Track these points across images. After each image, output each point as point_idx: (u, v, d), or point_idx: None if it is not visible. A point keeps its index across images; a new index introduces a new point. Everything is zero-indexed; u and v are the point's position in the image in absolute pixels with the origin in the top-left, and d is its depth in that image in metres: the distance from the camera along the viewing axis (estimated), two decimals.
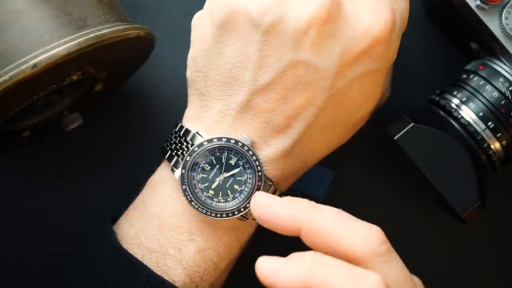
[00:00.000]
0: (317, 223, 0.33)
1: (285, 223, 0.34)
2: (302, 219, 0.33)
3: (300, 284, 0.31)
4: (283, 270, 0.32)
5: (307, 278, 0.31)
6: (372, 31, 0.37)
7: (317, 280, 0.31)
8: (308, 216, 0.33)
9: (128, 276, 0.38)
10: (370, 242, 0.33)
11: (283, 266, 0.32)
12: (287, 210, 0.34)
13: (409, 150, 0.41)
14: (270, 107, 0.38)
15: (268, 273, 0.32)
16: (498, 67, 0.41)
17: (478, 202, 0.41)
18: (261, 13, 0.36)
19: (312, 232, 0.33)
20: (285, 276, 0.31)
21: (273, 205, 0.34)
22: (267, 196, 0.35)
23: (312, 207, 0.34)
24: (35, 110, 0.43)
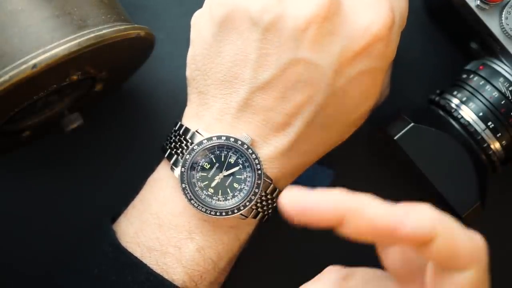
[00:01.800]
0: (363, 208, 0.30)
1: (326, 213, 0.30)
2: (345, 206, 0.30)
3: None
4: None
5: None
6: (372, 29, 0.37)
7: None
8: (351, 203, 0.30)
9: (127, 275, 0.38)
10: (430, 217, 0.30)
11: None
12: (329, 199, 0.30)
13: (409, 150, 0.41)
14: (270, 105, 0.38)
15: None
16: (498, 67, 0.41)
17: (478, 202, 0.41)
18: (261, 12, 0.36)
19: (359, 218, 0.30)
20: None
21: (310, 195, 0.31)
22: (298, 188, 0.31)
23: (351, 194, 0.31)
24: (35, 110, 0.43)
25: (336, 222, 0.30)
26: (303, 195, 0.30)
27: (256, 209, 0.39)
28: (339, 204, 0.30)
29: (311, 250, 0.48)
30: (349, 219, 0.30)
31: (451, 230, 0.29)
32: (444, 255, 0.30)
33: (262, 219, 0.40)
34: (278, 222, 0.47)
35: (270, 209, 0.40)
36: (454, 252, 0.29)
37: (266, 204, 0.39)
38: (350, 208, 0.30)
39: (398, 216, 0.29)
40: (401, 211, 0.29)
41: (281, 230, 0.48)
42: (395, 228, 0.29)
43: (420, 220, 0.29)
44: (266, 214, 0.40)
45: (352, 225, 0.30)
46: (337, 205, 0.30)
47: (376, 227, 0.29)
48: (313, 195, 0.30)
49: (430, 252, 0.29)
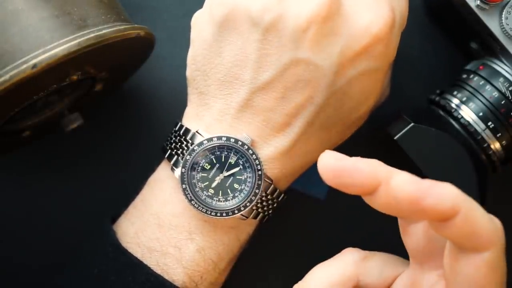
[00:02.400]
0: (397, 180, 0.29)
1: (365, 176, 0.30)
2: (382, 173, 0.30)
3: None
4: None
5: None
6: (372, 29, 0.37)
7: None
8: (387, 170, 0.30)
9: (127, 275, 0.38)
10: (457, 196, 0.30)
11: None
12: (367, 163, 0.30)
13: (409, 150, 0.41)
14: (270, 106, 0.38)
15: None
16: (498, 67, 0.41)
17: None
18: (261, 12, 0.36)
19: (393, 189, 0.30)
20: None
21: (349, 158, 0.31)
22: (336, 152, 0.31)
23: (384, 164, 0.31)
24: (35, 110, 0.43)
25: (369, 189, 0.30)
26: (342, 158, 0.31)
27: (257, 210, 0.39)
28: (376, 172, 0.30)
29: (311, 251, 0.48)
30: (382, 190, 0.30)
31: (472, 209, 0.29)
32: (464, 233, 0.29)
33: (262, 219, 0.40)
34: (278, 223, 0.47)
35: (270, 210, 0.40)
36: (474, 231, 0.29)
37: (267, 204, 0.39)
38: (385, 177, 0.30)
39: (423, 188, 0.29)
40: (427, 184, 0.29)
41: (282, 231, 0.48)
42: (419, 199, 0.28)
43: (443, 194, 0.29)
44: (267, 214, 0.40)
45: (382, 198, 0.30)
46: (374, 172, 0.30)
47: (401, 198, 0.29)
48: (352, 159, 0.31)
49: (450, 229, 0.29)
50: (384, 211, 0.31)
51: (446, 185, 0.29)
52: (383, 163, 0.31)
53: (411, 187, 0.29)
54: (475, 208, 0.30)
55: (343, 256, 0.37)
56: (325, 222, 0.48)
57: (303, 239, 0.48)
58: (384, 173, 0.30)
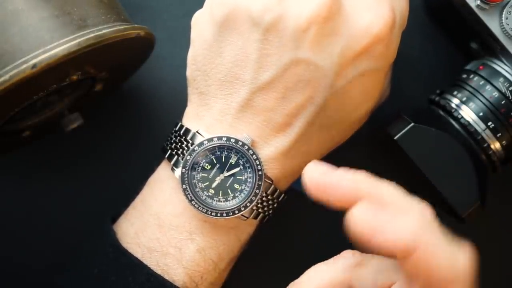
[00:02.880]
0: (379, 195, 0.30)
1: (345, 193, 0.30)
2: (364, 189, 0.30)
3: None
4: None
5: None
6: (373, 29, 0.37)
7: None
8: (370, 187, 0.30)
9: (128, 275, 0.38)
10: (427, 217, 0.30)
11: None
12: (349, 180, 0.31)
13: (409, 150, 0.41)
14: (271, 106, 0.38)
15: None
16: (498, 67, 0.41)
17: (478, 202, 0.41)
18: (261, 12, 0.36)
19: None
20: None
21: (333, 174, 0.31)
22: (324, 164, 0.32)
23: (372, 178, 0.31)
24: (35, 110, 0.43)
25: (349, 204, 0.30)
26: (326, 172, 0.31)
27: (257, 210, 0.39)
28: (358, 186, 0.30)
29: (311, 251, 0.48)
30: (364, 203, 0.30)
31: (432, 245, 0.28)
32: (420, 272, 0.29)
33: (262, 219, 0.40)
34: (278, 223, 0.47)
35: (270, 210, 0.40)
36: (430, 271, 0.29)
37: (267, 204, 0.39)
38: (367, 192, 0.30)
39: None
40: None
41: (282, 231, 0.48)
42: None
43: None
44: (267, 214, 0.40)
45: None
46: (356, 187, 0.30)
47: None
48: (336, 173, 0.31)
49: (407, 266, 0.29)
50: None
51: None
52: (370, 174, 0.31)
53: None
54: (436, 244, 0.29)
55: (338, 259, 0.36)
56: (325, 222, 0.48)
57: (303, 239, 0.48)
58: (367, 187, 0.30)
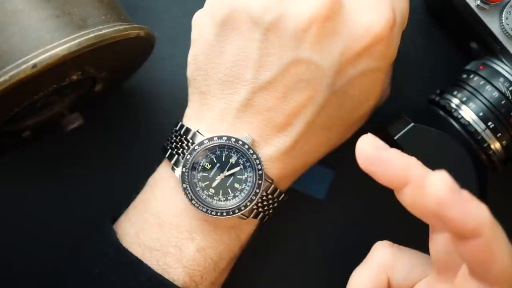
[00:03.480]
0: (433, 177, 0.29)
1: (395, 172, 0.30)
2: (415, 172, 0.30)
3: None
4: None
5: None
6: (373, 29, 0.37)
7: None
8: (421, 172, 0.30)
9: (128, 275, 0.38)
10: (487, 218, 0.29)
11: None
12: (403, 159, 0.30)
13: (409, 150, 0.41)
14: (271, 105, 0.38)
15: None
16: (498, 67, 0.41)
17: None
18: (262, 12, 0.37)
19: (419, 190, 0.30)
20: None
21: (388, 149, 0.31)
22: (378, 139, 0.31)
23: (422, 165, 0.31)
24: (35, 110, 0.43)
25: (397, 185, 0.31)
26: (380, 147, 0.31)
27: (257, 209, 0.39)
28: (408, 170, 0.30)
29: (311, 251, 0.48)
30: (411, 188, 0.30)
31: (495, 238, 0.28)
32: (477, 259, 0.29)
33: (263, 219, 0.40)
34: (278, 223, 0.47)
35: (271, 209, 0.40)
36: (488, 261, 0.29)
37: (267, 204, 0.39)
38: (416, 177, 0.30)
39: (455, 198, 0.28)
40: (461, 195, 0.28)
41: (282, 231, 0.48)
42: (445, 206, 0.28)
43: (471, 213, 0.28)
44: (267, 214, 0.40)
45: (410, 196, 0.30)
46: (406, 169, 0.30)
47: (430, 197, 0.28)
48: (389, 152, 0.31)
49: (466, 249, 0.29)
50: (409, 209, 0.31)
51: (480, 206, 0.28)
52: (421, 163, 0.31)
53: (444, 188, 0.28)
54: (498, 239, 0.29)
55: (373, 257, 0.36)
56: (325, 222, 0.48)
57: (303, 239, 0.48)
58: (417, 173, 0.30)
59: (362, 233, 0.48)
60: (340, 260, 0.48)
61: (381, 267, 0.36)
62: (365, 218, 0.48)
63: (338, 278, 0.48)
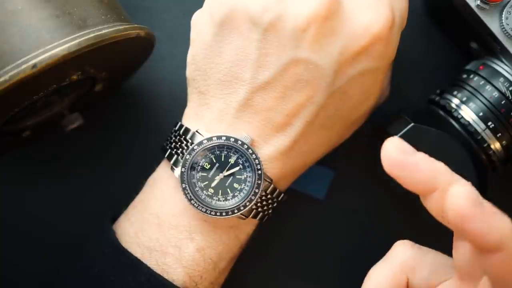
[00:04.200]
0: (455, 189, 0.29)
1: (423, 178, 0.30)
2: (442, 179, 0.30)
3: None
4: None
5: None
6: (372, 28, 0.37)
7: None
8: (450, 180, 0.30)
9: (127, 275, 0.38)
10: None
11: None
12: (430, 165, 0.30)
13: None
14: (270, 105, 0.38)
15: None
16: (498, 67, 0.41)
17: None
18: (261, 12, 0.37)
19: (446, 197, 0.29)
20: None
21: (415, 154, 0.30)
22: (405, 143, 0.31)
23: (450, 171, 0.30)
24: (35, 110, 0.43)
25: (423, 191, 0.30)
26: (407, 151, 0.30)
27: (256, 209, 0.39)
28: (436, 177, 0.30)
29: (311, 251, 0.48)
30: (439, 195, 0.30)
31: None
32: (501, 272, 0.29)
33: (262, 219, 0.40)
34: (278, 223, 0.47)
35: (270, 209, 0.40)
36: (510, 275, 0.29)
37: (266, 204, 0.39)
38: (444, 185, 0.30)
39: (476, 211, 0.28)
40: (483, 207, 0.28)
41: (281, 231, 0.48)
42: (466, 219, 0.28)
43: (493, 227, 0.28)
44: (266, 214, 0.40)
45: (437, 203, 0.30)
46: (434, 177, 0.30)
47: (451, 209, 0.28)
48: (417, 157, 0.30)
49: (489, 262, 0.29)
50: (434, 216, 0.31)
51: (503, 219, 0.28)
52: (449, 169, 0.30)
53: (465, 203, 0.28)
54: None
55: (395, 255, 0.36)
56: (325, 222, 0.48)
57: (303, 239, 0.48)
58: (445, 180, 0.30)
59: (362, 233, 0.48)
60: (340, 260, 0.48)
61: (402, 267, 0.35)
62: (365, 218, 0.48)
63: (338, 278, 0.48)
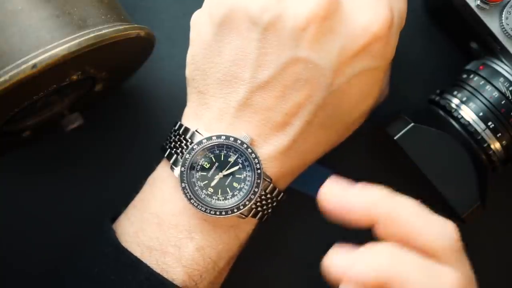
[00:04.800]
0: (395, 215, 0.30)
1: (359, 216, 0.31)
2: (379, 211, 0.31)
3: (374, 278, 0.29)
4: (356, 264, 0.30)
5: (383, 274, 0.29)
6: (371, 28, 0.37)
7: (394, 275, 0.29)
8: (385, 208, 0.31)
9: (127, 274, 0.38)
10: (448, 237, 0.31)
11: (356, 260, 0.30)
12: (363, 202, 0.31)
13: (409, 150, 0.41)
14: (269, 105, 0.38)
15: (338, 269, 0.30)
16: (498, 67, 0.41)
17: (478, 202, 0.40)
18: (260, 11, 0.37)
19: (389, 224, 0.30)
20: (358, 271, 0.30)
21: (346, 196, 0.31)
22: (339, 185, 0.32)
23: (389, 197, 0.31)
24: (35, 110, 0.43)
25: (366, 226, 0.31)
26: (341, 193, 0.31)
27: (256, 208, 0.39)
28: (372, 209, 0.31)
29: (311, 251, 0.48)
30: (381, 225, 0.31)
31: (463, 270, 0.30)
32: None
33: (262, 218, 0.40)
34: (278, 223, 0.47)
35: (269, 208, 0.40)
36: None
37: (266, 203, 0.39)
38: (383, 214, 0.31)
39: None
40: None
41: (282, 231, 0.48)
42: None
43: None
44: (266, 213, 0.40)
45: (383, 230, 0.31)
46: (370, 209, 0.31)
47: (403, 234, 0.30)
48: (351, 195, 0.31)
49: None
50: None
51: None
52: (390, 190, 0.31)
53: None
54: (463, 266, 0.30)
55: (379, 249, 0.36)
56: (325, 222, 0.48)
57: (303, 239, 0.48)
58: (383, 207, 0.31)
59: (362, 233, 0.48)
60: None
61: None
62: None
63: None
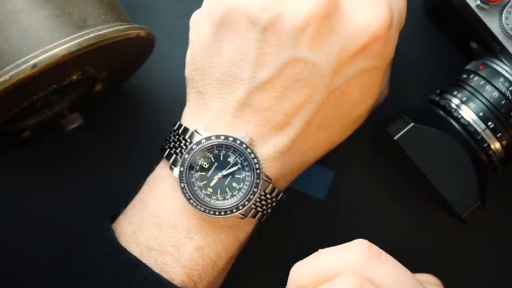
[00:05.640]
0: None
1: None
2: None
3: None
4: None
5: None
6: (370, 28, 0.37)
7: None
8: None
9: (126, 274, 0.38)
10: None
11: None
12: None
13: (409, 150, 0.41)
14: (269, 105, 0.38)
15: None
16: (498, 67, 0.41)
17: (478, 202, 0.40)
18: (259, 11, 0.37)
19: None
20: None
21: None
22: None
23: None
24: (35, 110, 0.43)
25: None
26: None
27: (255, 209, 0.39)
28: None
29: (311, 251, 0.48)
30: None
31: None
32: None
33: (261, 218, 0.40)
34: (278, 223, 0.47)
35: (269, 209, 0.40)
36: None
37: (265, 203, 0.39)
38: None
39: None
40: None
41: (282, 231, 0.48)
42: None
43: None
44: (265, 213, 0.40)
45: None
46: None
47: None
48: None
49: None
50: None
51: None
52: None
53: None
54: None
55: (352, 248, 0.35)
56: (325, 222, 0.48)
57: (303, 239, 0.48)
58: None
59: (362, 233, 0.48)
60: None
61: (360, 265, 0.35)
62: (365, 218, 0.48)
63: None
